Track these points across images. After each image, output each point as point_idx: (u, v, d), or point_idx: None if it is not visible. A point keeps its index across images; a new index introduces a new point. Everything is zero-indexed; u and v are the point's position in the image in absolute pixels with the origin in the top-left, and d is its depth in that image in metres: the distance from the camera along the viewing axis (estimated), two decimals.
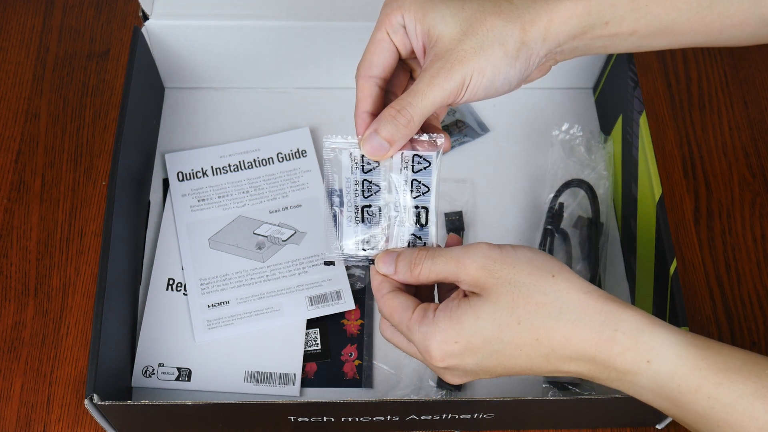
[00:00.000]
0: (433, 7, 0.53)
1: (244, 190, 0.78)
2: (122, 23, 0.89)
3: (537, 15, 0.53)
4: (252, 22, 0.78)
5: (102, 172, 0.80)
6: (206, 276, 0.73)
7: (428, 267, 0.52)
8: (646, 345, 0.48)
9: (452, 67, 0.52)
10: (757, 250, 0.78)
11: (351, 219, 0.56)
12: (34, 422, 0.68)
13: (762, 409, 0.47)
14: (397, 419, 0.64)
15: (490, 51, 0.52)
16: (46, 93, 0.84)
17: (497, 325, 0.50)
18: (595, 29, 0.54)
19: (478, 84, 0.53)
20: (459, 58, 0.52)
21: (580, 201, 0.76)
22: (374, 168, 0.55)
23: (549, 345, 0.49)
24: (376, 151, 0.53)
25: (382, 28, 0.55)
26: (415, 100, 0.52)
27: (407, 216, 0.55)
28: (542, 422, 0.68)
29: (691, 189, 0.81)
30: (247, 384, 0.69)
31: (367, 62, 0.55)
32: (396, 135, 0.52)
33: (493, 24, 0.52)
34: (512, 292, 0.50)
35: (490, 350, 0.50)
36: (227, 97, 0.84)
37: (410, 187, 0.55)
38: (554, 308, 0.49)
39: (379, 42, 0.55)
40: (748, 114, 0.85)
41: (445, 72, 0.52)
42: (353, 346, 0.71)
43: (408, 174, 0.55)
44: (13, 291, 0.74)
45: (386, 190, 0.55)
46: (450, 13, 0.53)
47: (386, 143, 0.53)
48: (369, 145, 0.53)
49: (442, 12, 0.53)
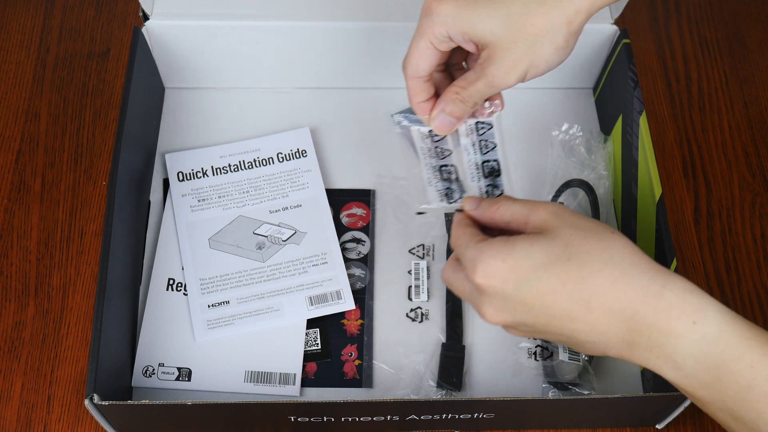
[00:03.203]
0: (477, 19, 0.56)
1: (244, 190, 0.78)
2: (122, 23, 0.89)
3: (580, 4, 0.55)
4: (252, 22, 0.78)
5: (102, 172, 0.80)
6: (206, 276, 0.73)
7: (506, 206, 0.56)
8: (693, 306, 0.48)
9: (508, 70, 0.57)
10: (757, 250, 0.78)
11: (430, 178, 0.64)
12: (34, 422, 0.68)
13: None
14: (397, 419, 0.64)
15: (541, 50, 0.56)
16: (47, 93, 0.84)
17: (547, 255, 0.51)
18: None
19: (533, 75, 0.58)
20: (513, 62, 0.56)
21: (580, 201, 0.76)
22: (442, 138, 0.62)
23: (593, 287, 0.50)
24: (444, 126, 0.60)
25: (425, 38, 0.58)
26: (472, 85, 0.58)
27: (479, 171, 0.63)
28: (542, 422, 0.68)
29: (691, 189, 0.81)
30: (247, 384, 0.69)
31: (414, 66, 0.60)
32: (459, 112, 0.59)
33: (541, 24, 0.55)
34: (571, 234, 0.51)
35: (534, 277, 0.51)
36: (227, 97, 0.84)
37: (479, 147, 0.62)
38: (606, 253, 0.50)
39: (423, 50, 0.59)
40: (748, 114, 0.85)
41: (502, 72, 0.57)
42: (353, 346, 0.71)
43: (474, 137, 0.62)
44: (13, 291, 0.74)
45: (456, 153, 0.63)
46: (497, 23, 0.56)
47: (453, 119, 0.60)
48: (438, 121, 0.60)
49: (487, 22, 0.56)
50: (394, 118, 0.62)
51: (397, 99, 0.84)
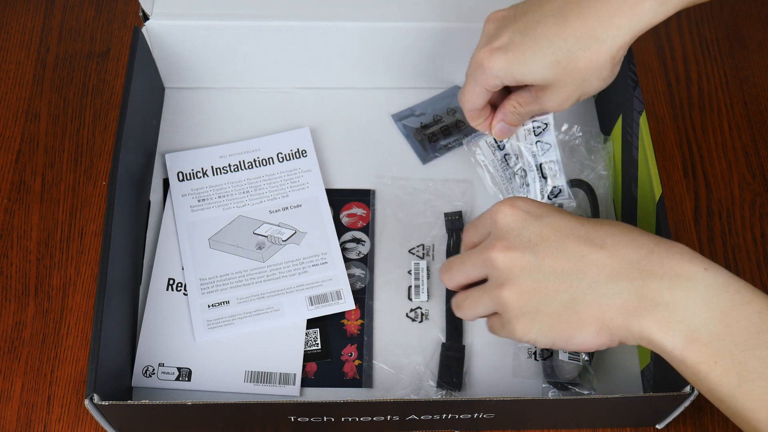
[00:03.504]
0: (527, 70, 0.62)
1: (244, 190, 0.78)
2: (122, 23, 0.89)
3: (623, 39, 0.60)
4: (252, 22, 0.78)
5: (102, 172, 0.80)
6: (206, 276, 0.73)
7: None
8: (702, 258, 0.51)
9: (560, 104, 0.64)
10: (757, 250, 0.78)
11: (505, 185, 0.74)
12: (34, 422, 0.68)
13: None
14: (397, 419, 0.64)
15: (590, 84, 0.62)
16: (47, 93, 0.84)
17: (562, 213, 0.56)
18: (673, 11, 0.61)
19: (585, 98, 0.64)
20: (565, 97, 0.63)
21: (580, 201, 0.76)
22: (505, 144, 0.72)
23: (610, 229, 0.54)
24: (504, 133, 0.70)
25: (479, 86, 0.65)
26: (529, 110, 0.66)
27: (538, 174, 0.71)
28: (542, 422, 0.68)
29: (691, 189, 0.81)
30: (247, 384, 0.69)
31: (471, 103, 0.67)
32: (518, 122, 0.69)
33: (587, 67, 0.60)
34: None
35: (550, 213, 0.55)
36: (227, 97, 0.84)
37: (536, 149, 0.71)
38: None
39: (478, 93, 0.66)
40: (748, 114, 0.85)
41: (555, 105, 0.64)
42: (353, 346, 0.71)
43: (532, 139, 0.70)
44: (13, 291, 0.74)
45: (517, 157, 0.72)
46: (547, 71, 0.61)
47: (511, 127, 0.69)
48: (498, 129, 0.70)
49: (537, 72, 0.61)
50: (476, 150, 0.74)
51: (397, 99, 0.84)
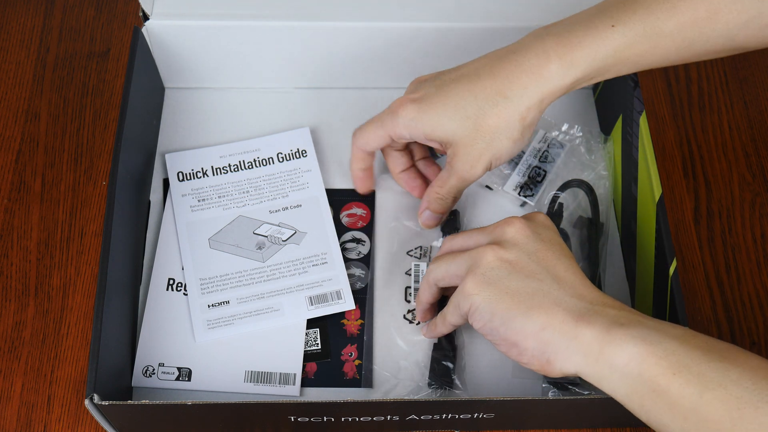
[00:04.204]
0: (438, 122, 0.64)
1: (244, 190, 0.78)
2: (122, 23, 0.89)
3: (530, 102, 0.62)
4: (252, 22, 0.78)
5: (102, 172, 0.80)
6: (206, 276, 0.73)
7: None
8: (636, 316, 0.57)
9: (473, 164, 0.65)
10: (757, 250, 0.78)
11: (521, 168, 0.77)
12: (34, 422, 0.68)
13: None
14: (397, 419, 0.64)
15: (500, 144, 0.64)
16: (47, 93, 0.84)
17: None
18: (580, 84, 0.64)
19: (499, 163, 0.66)
20: (476, 157, 0.64)
21: (580, 201, 0.76)
22: None
23: None
24: (432, 221, 0.72)
25: (385, 130, 0.67)
26: (447, 186, 0.68)
27: (528, 170, 0.76)
28: (542, 422, 0.68)
29: (691, 189, 0.81)
30: (247, 384, 0.69)
31: (364, 141, 0.69)
32: (442, 208, 0.70)
33: (496, 123, 0.63)
34: None
35: None
36: (227, 97, 0.84)
37: (540, 154, 0.76)
38: None
39: (380, 137, 0.68)
40: (748, 114, 0.85)
41: (468, 166, 0.65)
42: (353, 346, 0.71)
43: (543, 146, 0.76)
44: (13, 291, 0.74)
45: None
46: (457, 125, 0.63)
47: (438, 215, 0.71)
48: (425, 218, 0.72)
49: (449, 126, 0.63)
50: None
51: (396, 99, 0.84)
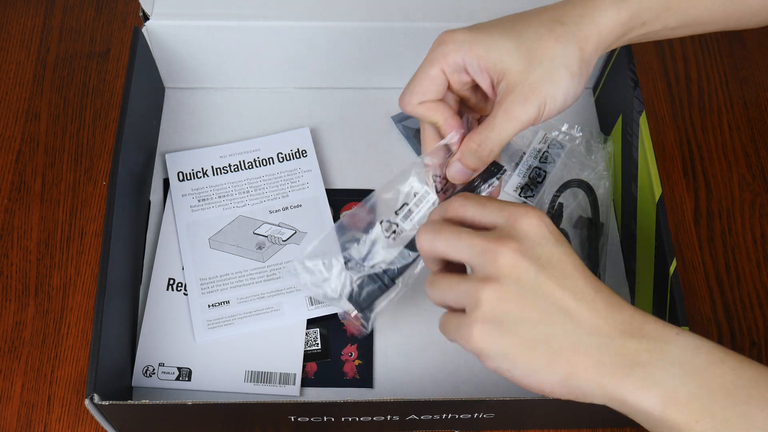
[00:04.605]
0: (494, 43, 0.57)
1: (245, 190, 0.78)
2: (122, 23, 0.89)
3: (588, 31, 0.57)
4: (252, 22, 0.78)
5: (102, 172, 0.80)
6: (206, 276, 0.73)
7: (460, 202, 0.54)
8: (674, 326, 0.48)
9: (526, 99, 0.56)
10: (757, 250, 0.78)
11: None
12: (34, 422, 0.68)
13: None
14: (397, 419, 0.64)
15: (558, 77, 0.56)
16: (47, 93, 0.84)
17: None
18: (633, 30, 0.59)
19: (552, 108, 0.57)
20: (531, 89, 0.56)
21: (580, 201, 0.76)
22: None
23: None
24: (461, 177, 0.61)
25: (436, 65, 0.58)
26: (493, 133, 0.57)
27: (528, 171, 0.69)
28: (542, 422, 0.68)
29: (691, 189, 0.81)
30: (247, 384, 0.69)
31: (420, 91, 0.59)
32: (479, 164, 0.59)
33: (554, 49, 0.56)
34: None
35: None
36: (227, 97, 0.84)
37: (540, 155, 0.70)
38: None
39: (433, 78, 0.59)
40: (748, 114, 0.85)
41: (520, 104, 0.56)
42: (353, 346, 0.71)
43: (543, 146, 0.70)
44: (13, 291, 0.74)
45: None
46: (512, 47, 0.57)
47: (470, 171, 0.60)
48: (453, 171, 0.60)
49: (503, 46, 0.57)
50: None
51: (396, 99, 0.84)
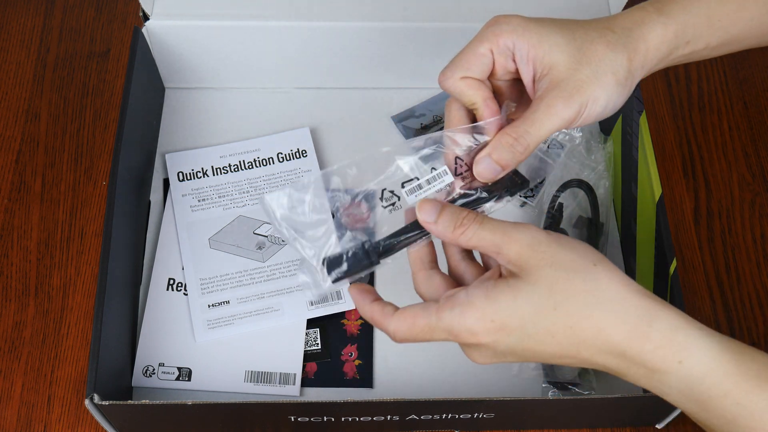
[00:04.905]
0: (546, 34, 0.54)
1: (245, 190, 0.78)
2: (122, 23, 0.89)
3: (636, 44, 0.55)
4: (252, 22, 0.78)
5: (102, 172, 0.80)
6: (206, 276, 0.73)
7: (473, 231, 0.50)
8: (680, 345, 0.47)
9: (570, 96, 0.53)
10: (757, 250, 0.78)
11: None
12: (34, 422, 0.68)
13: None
14: (397, 419, 0.64)
15: (605, 79, 0.54)
16: (47, 93, 0.84)
17: (534, 308, 0.48)
18: (678, 50, 0.57)
19: (592, 111, 0.54)
20: (577, 87, 0.53)
21: (580, 201, 0.76)
22: None
23: (582, 334, 0.48)
24: (489, 173, 0.54)
25: (485, 43, 0.55)
26: (532, 128, 0.53)
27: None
28: (542, 422, 0.68)
29: (691, 189, 0.81)
30: (247, 384, 0.69)
31: (465, 65, 0.55)
32: (511, 161, 0.53)
33: (604, 53, 0.54)
34: (552, 275, 0.48)
35: (523, 333, 0.48)
36: (227, 97, 0.84)
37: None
38: (591, 297, 0.48)
39: (480, 56, 0.55)
40: (748, 114, 0.85)
41: (563, 100, 0.53)
42: (353, 346, 0.71)
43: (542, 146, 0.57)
44: (13, 291, 0.74)
45: None
46: (563, 41, 0.54)
47: (499, 167, 0.53)
48: (482, 167, 0.54)
49: (555, 40, 0.54)
50: None
51: (397, 99, 0.84)
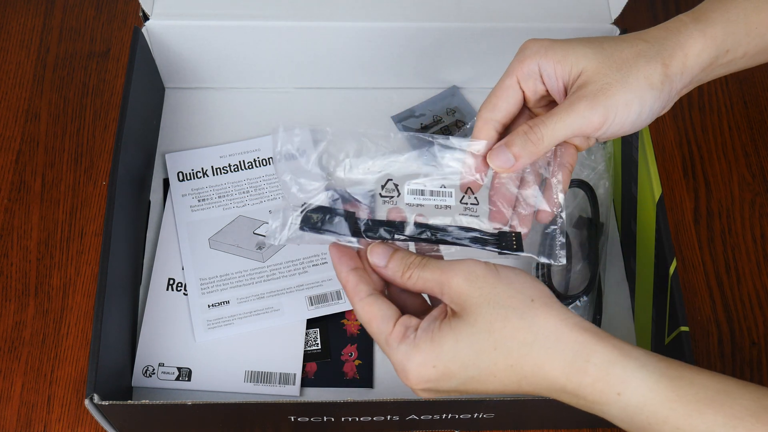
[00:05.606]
0: (572, 48, 0.55)
1: (244, 190, 0.78)
2: (122, 23, 0.89)
3: (673, 51, 0.55)
4: (252, 22, 0.78)
5: (102, 172, 0.80)
6: (206, 276, 0.73)
7: (417, 275, 0.51)
8: (617, 378, 0.48)
9: (595, 97, 0.53)
10: (757, 250, 0.78)
11: None
12: (34, 422, 0.68)
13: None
14: (397, 419, 0.64)
15: (636, 83, 0.53)
16: (47, 93, 0.84)
17: (474, 351, 0.49)
18: (719, 59, 0.56)
19: (626, 118, 0.54)
20: (603, 89, 0.53)
21: (580, 201, 0.76)
22: None
23: (522, 372, 0.49)
24: (502, 163, 0.54)
25: (512, 74, 0.56)
26: (549, 120, 0.53)
27: None
28: (542, 422, 0.68)
29: (691, 189, 0.81)
30: (247, 384, 0.69)
31: (491, 105, 0.56)
32: (523, 151, 0.54)
33: (635, 60, 0.54)
34: (490, 313, 0.49)
35: (465, 376, 0.49)
36: (227, 97, 0.84)
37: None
38: (529, 333, 0.48)
39: (506, 88, 0.56)
40: (748, 114, 0.85)
41: (587, 101, 0.53)
42: (353, 346, 0.71)
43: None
44: (13, 291, 0.74)
45: None
46: (591, 52, 0.54)
47: (513, 158, 0.54)
48: (496, 157, 0.54)
49: (582, 51, 0.55)
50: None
51: (397, 99, 0.84)
